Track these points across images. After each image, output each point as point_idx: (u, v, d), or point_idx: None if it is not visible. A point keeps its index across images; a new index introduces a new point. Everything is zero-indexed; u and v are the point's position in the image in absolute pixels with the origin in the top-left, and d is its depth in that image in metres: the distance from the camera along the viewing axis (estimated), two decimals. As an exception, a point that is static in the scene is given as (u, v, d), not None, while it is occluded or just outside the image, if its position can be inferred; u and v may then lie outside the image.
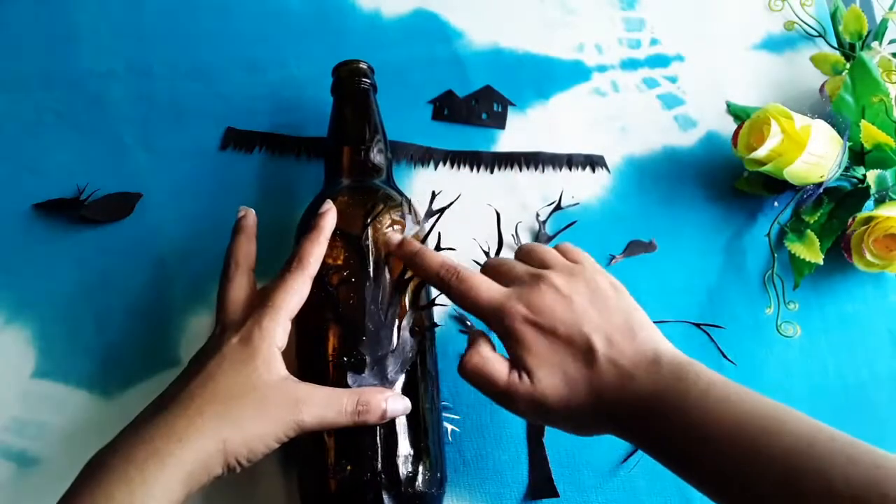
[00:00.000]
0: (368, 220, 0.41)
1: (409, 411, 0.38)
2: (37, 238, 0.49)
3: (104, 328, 0.47)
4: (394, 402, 0.37)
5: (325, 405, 0.36)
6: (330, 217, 0.41)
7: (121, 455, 0.32)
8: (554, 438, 0.47)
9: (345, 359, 0.39)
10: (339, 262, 0.41)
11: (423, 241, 0.43)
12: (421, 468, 0.38)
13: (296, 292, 0.38)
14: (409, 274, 0.41)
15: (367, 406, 0.36)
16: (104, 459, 0.33)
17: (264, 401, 0.35)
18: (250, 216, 0.43)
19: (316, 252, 0.40)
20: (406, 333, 0.40)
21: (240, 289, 0.40)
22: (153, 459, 0.32)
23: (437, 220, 0.44)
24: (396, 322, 0.40)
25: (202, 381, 0.35)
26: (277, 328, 0.37)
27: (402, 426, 0.38)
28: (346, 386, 0.38)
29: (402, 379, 0.40)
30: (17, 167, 0.50)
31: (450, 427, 0.46)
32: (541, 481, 0.45)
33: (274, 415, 0.35)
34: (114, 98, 0.53)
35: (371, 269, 0.40)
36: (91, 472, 0.32)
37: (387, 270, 0.41)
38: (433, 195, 0.45)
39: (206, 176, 0.51)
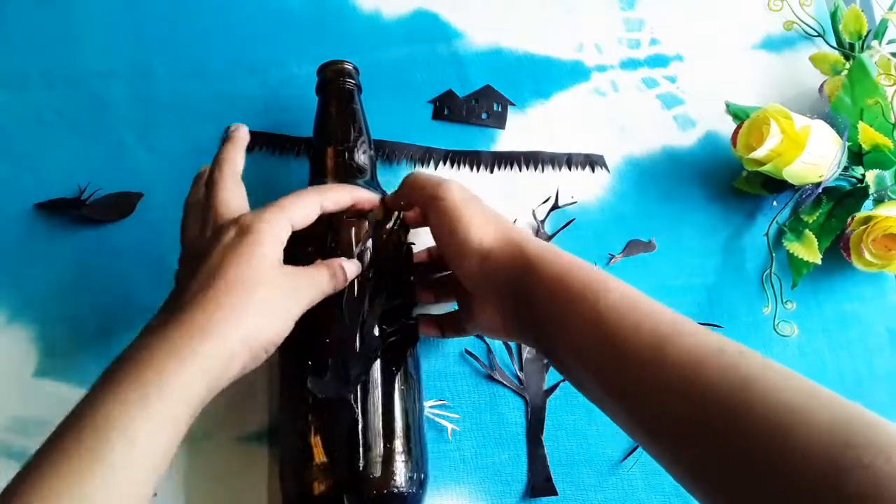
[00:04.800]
0: (344, 220, 0.41)
1: (359, 271, 0.40)
2: (38, 237, 0.49)
3: (105, 327, 0.47)
4: (348, 265, 0.40)
5: (312, 287, 0.37)
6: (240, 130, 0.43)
7: (135, 359, 0.30)
8: (554, 438, 0.47)
9: (309, 362, 0.39)
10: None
11: (392, 237, 0.43)
12: (400, 468, 0.38)
13: (305, 203, 0.38)
14: (373, 274, 0.41)
15: (335, 273, 0.38)
16: (118, 365, 0.31)
17: (276, 286, 0.35)
18: (242, 129, 0.43)
19: (336, 193, 0.41)
20: (372, 335, 0.40)
21: (229, 191, 0.39)
22: (172, 358, 0.30)
23: (397, 218, 0.44)
24: (360, 323, 0.40)
25: (209, 274, 0.34)
26: (281, 220, 0.37)
27: (382, 426, 0.38)
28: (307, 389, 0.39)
29: (379, 379, 0.39)
30: (18, 167, 0.51)
31: (450, 427, 0.46)
32: (540, 480, 0.46)
33: (286, 300, 0.35)
34: (115, 98, 0.53)
35: None
36: (104, 378, 0.30)
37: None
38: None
39: (207, 176, 0.51)
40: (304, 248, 0.40)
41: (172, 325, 0.32)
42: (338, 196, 0.40)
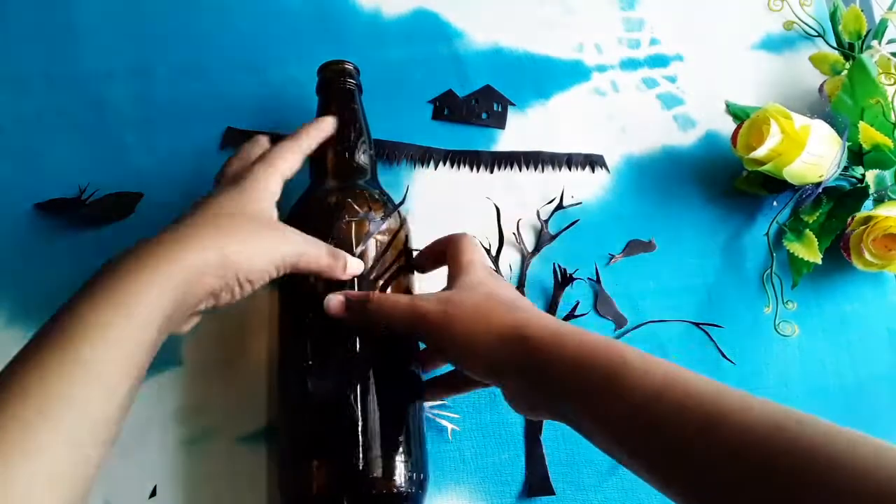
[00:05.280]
0: (345, 219, 0.42)
1: (361, 270, 0.40)
2: (38, 238, 0.49)
3: (105, 328, 0.47)
4: (352, 261, 0.40)
5: (304, 244, 0.38)
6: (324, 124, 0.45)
7: (121, 267, 0.33)
8: (554, 437, 0.47)
9: (309, 362, 0.39)
10: None
11: (393, 238, 0.43)
12: (400, 468, 0.38)
13: (291, 154, 0.41)
14: (374, 275, 0.41)
15: (337, 256, 0.39)
16: (104, 269, 0.33)
17: (259, 223, 0.37)
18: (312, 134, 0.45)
19: (312, 133, 0.44)
20: (372, 336, 0.40)
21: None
22: (149, 262, 0.32)
23: (399, 218, 0.44)
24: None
25: (194, 210, 0.37)
26: (270, 177, 0.40)
27: (382, 427, 0.38)
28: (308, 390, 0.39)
29: (380, 380, 0.39)
30: (18, 167, 0.51)
31: (450, 427, 0.46)
32: (537, 479, 0.46)
33: (268, 237, 0.37)
34: (114, 98, 0.53)
35: None
36: (90, 281, 0.33)
37: None
38: (398, 199, 0.45)
39: (207, 176, 0.51)
40: None
41: (154, 239, 0.34)
42: (312, 137, 0.44)
